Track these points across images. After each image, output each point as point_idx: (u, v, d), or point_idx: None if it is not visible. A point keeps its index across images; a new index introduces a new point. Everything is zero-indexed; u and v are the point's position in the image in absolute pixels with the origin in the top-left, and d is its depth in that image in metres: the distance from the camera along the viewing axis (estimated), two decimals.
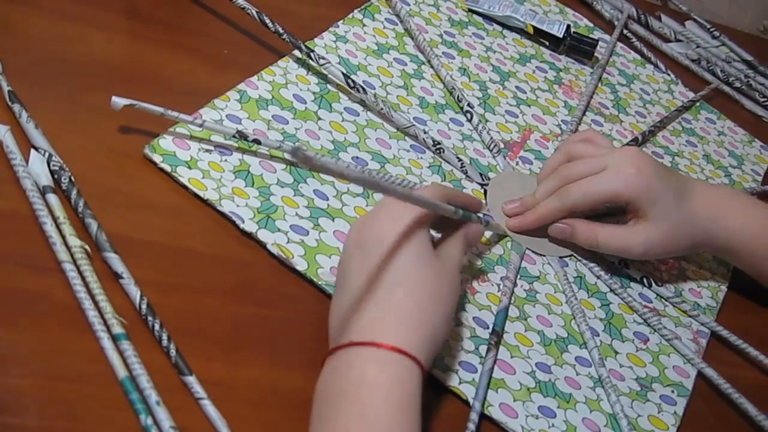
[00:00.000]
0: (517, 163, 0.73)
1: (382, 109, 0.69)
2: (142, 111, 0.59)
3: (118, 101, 0.58)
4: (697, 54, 0.98)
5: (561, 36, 0.86)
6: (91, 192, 0.55)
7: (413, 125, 0.70)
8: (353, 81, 0.69)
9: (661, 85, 0.91)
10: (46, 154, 0.56)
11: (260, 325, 0.55)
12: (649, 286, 0.69)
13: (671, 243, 0.66)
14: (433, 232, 0.57)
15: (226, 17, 0.73)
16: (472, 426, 0.54)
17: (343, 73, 0.69)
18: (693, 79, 0.96)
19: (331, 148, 0.66)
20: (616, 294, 0.67)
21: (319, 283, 0.57)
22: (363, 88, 0.69)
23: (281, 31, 0.69)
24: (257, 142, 0.61)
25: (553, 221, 0.67)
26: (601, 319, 0.65)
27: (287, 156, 0.63)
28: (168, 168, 0.59)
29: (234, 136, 0.61)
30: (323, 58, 0.70)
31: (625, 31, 0.96)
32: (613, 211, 0.68)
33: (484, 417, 0.55)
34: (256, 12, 0.70)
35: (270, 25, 0.70)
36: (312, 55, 0.69)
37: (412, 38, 0.79)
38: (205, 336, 0.53)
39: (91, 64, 0.64)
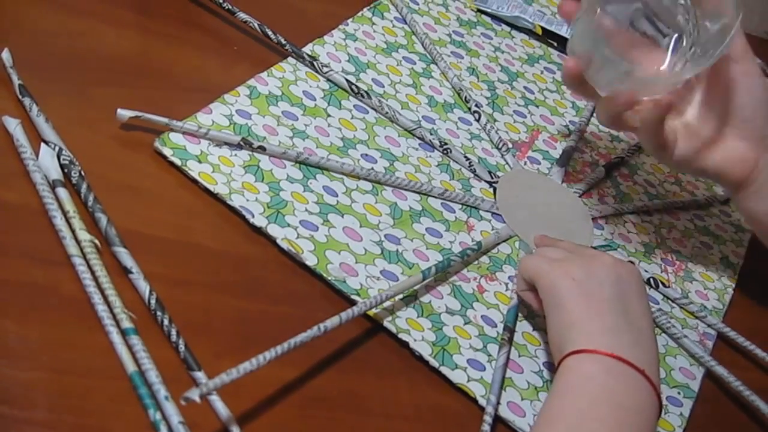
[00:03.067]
0: (525, 163, 0.73)
1: (387, 113, 0.69)
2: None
3: (124, 113, 0.58)
4: None
5: (569, 37, 0.86)
6: (101, 186, 0.55)
7: (419, 127, 0.70)
8: (357, 87, 0.69)
9: None
10: (57, 148, 0.56)
11: (269, 321, 0.55)
12: (656, 287, 0.69)
13: None
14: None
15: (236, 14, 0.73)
16: (488, 419, 0.54)
17: (346, 80, 0.69)
18: None
19: (340, 145, 0.66)
20: None
21: (329, 279, 0.57)
22: (367, 93, 0.69)
23: (283, 42, 0.69)
24: (262, 149, 0.61)
25: None
26: None
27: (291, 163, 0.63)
28: (178, 161, 0.59)
29: (239, 144, 0.61)
30: (326, 66, 0.70)
31: None
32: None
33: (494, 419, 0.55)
34: (258, 24, 0.70)
35: (272, 36, 0.70)
36: (315, 63, 0.69)
37: (419, 40, 0.79)
38: (213, 332, 0.53)
39: (102, 59, 0.64)
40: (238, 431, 0.48)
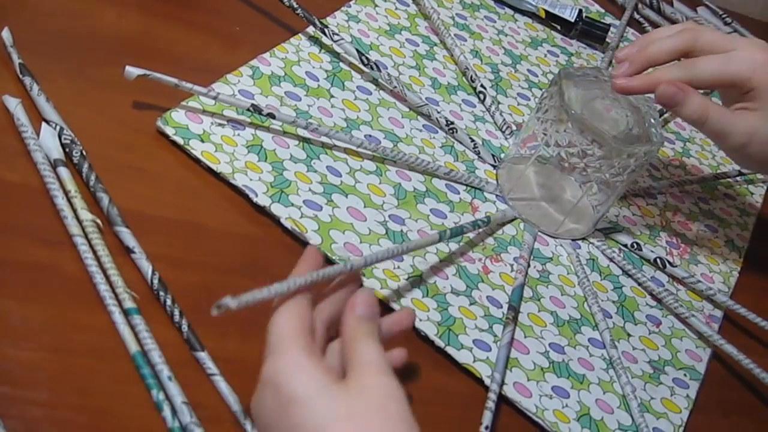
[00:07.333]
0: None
1: (395, 87, 0.69)
2: (155, 83, 0.58)
3: (132, 71, 0.57)
4: None
5: (573, 20, 0.86)
6: (103, 166, 0.55)
7: (426, 104, 0.69)
8: (367, 58, 0.69)
9: None
10: (58, 128, 0.55)
11: (272, 301, 0.54)
12: (663, 268, 0.68)
13: None
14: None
15: None
16: (493, 396, 0.54)
17: (357, 50, 0.69)
18: None
19: (343, 125, 0.65)
20: (629, 275, 0.67)
21: (333, 258, 0.57)
22: (377, 66, 0.69)
23: (295, 5, 0.69)
24: (271, 116, 0.61)
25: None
26: (613, 302, 0.65)
27: (300, 132, 0.63)
28: (180, 141, 0.58)
29: (248, 110, 0.60)
30: (337, 35, 0.69)
31: (637, 16, 0.96)
32: None
33: (498, 396, 0.55)
34: None
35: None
36: (326, 31, 0.69)
37: (427, 18, 0.78)
38: None
39: (103, 39, 0.63)
40: (242, 413, 0.48)
